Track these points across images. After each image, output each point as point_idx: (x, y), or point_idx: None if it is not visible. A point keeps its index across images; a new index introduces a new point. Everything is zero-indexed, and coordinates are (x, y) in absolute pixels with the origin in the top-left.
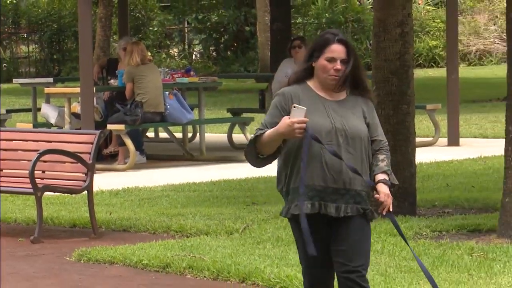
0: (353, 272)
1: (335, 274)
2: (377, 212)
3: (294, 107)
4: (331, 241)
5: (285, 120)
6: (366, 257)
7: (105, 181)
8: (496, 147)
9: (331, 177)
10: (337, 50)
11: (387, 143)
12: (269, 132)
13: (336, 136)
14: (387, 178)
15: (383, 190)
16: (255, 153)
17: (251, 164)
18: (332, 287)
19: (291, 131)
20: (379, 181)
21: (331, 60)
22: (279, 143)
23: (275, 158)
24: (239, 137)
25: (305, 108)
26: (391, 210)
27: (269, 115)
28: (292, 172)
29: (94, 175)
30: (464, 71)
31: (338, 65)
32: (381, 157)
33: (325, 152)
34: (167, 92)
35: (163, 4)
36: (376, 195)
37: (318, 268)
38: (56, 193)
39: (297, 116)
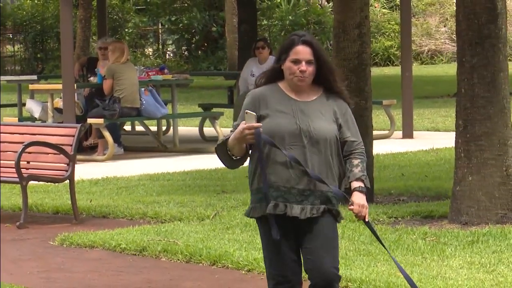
0: (323, 268)
1: (300, 272)
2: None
3: (246, 113)
4: (299, 241)
5: (239, 126)
6: (335, 252)
7: (85, 171)
8: (447, 140)
9: (296, 178)
10: (301, 51)
11: (361, 143)
12: (231, 136)
13: (301, 137)
14: (362, 185)
15: (357, 201)
16: (227, 155)
17: (225, 165)
18: (297, 285)
19: (243, 137)
20: (354, 189)
21: (296, 61)
22: (242, 146)
23: (246, 159)
24: (209, 130)
25: (255, 114)
26: (367, 219)
27: (239, 118)
28: (255, 173)
29: (75, 165)
30: (417, 69)
31: (303, 66)
32: (355, 162)
33: (294, 153)
34: (142, 89)
35: (138, 7)
36: (350, 207)
37: (286, 261)
38: (40, 182)
39: (249, 121)
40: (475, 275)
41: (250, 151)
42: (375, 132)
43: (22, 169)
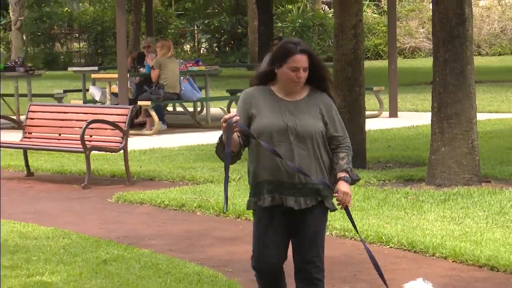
0: (309, 262)
1: (283, 262)
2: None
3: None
4: (291, 231)
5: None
6: (320, 248)
7: (136, 143)
8: (424, 118)
9: (286, 173)
10: (300, 60)
11: (347, 138)
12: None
13: (288, 135)
14: (347, 175)
15: (342, 189)
16: (224, 153)
17: (223, 161)
18: (279, 271)
19: (223, 128)
20: (340, 179)
21: (295, 69)
22: (235, 141)
23: (241, 154)
24: (235, 110)
25: (223, 107)
26: (349, 206)
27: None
28: (250, 171)
29: (128, 138)
30: (401, 62)
31: (301, 74)
32: (341, 155)
33: (279, 151)
34: (182, 77)
35: (178, 12)
36: (335, 194)
37: (273, 247)
38: (100, 152)
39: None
40: (447, 226)
41: (247, 148)
42: (367, 113)
43: (86, 142)
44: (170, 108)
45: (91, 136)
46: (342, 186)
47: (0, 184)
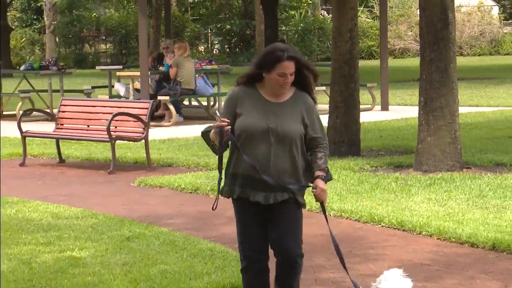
0: (288, 250)
1: (268, 251)
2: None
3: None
4: (266, 224)
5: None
6: (298, 235)
7: (156, 133)
8: (413, 112)
9: (261, 171)
10: (288, 66)
11: (325, 139)
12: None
13: (269, 136)
14: (324, 174)
15: (320, 186)
16: (211, 143)
17: (211, 150)
18: (265, 260)
19: (213, 133)
20: (318, 177)
21: (283, 75)
22: (219, 138)
23: (228, 146)
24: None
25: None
26: (325, 203)
27: (221, 114)
28: (230, 162)
29: (149, 129)
30: (391, 62)
31: (288, 79)
32: (319, 155)
33: (258, 149)
34: (197, 75)
35: (193, 17)
36: (313, 190)
37: (257, 238)
38: (124, 141)
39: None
40: (432, 208)
41: (229, 142)
42: (361, 106)
43: (111, 132)
44: (186, 102)
45: (116, 127)
46: (320, 183)
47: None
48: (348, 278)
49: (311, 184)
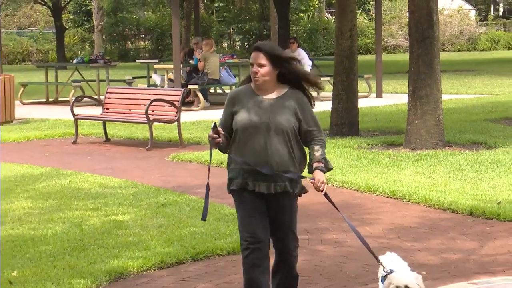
0: (287, 241)
1: (268, 236)
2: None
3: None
4: (268, 212)
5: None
6: (295, 227)
7: (187, 116)
8: (403, 99)
9: (259, 162)
10: (253, 56)
11: (321, 132)
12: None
13: (263, 130)
14: (322, 165)
15: (318, 177)
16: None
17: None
18: (266, 245)
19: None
20: (316, 168)
21: (251, 65)
22: (211, 148)
23: (228, 146)
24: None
25: (214, 122)
26: (323, 192)
27: (222, 113)
28: (230, 156)
29: (181, 113)
30: (385, 57)
31: (254, 68)
32: (316, 147)
33: (255, 143)
34: (221, 67)
35: (218, 19)
36: (312, 181)
37: (258, 223)
38: (160, 123)
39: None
40: (419, 179)
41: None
42: (359, 94)
43: (149, 115)
44: (212, 90)
45: (153, 111)
46: (318, 175)
47: None
48: (349, 240)
49: (309, 176)
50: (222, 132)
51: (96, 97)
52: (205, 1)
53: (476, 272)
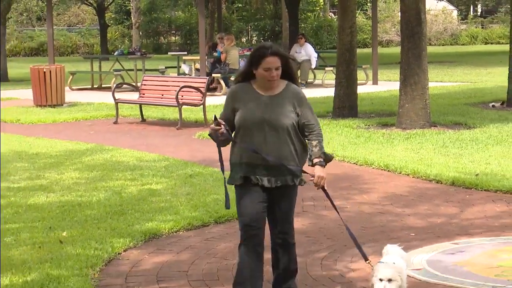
0: (284, 232)
1: (265, 223)
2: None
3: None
4: (268, 204)
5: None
6: (292, 219)
7: (211, 100)
8: (395, 85)
9: (261, 157)
10: (272, 62)
11: (318, 126)
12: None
13: (263, 126)
14: (322, 160)
15: (318, 173)
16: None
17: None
18: (262, 234)
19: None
20: (315, 164)
21: (268, 70)
22: (215, 140)
23: (230, 139)
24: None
25: (214, 114)
26: (325, 188)
27: (223, 109)
28: (232, 153)
29: (206, 97)
30: (380, 50)
31: (273, 73)
32: (314, 143)
33: (255, 139)
34: (240, 59)
35: (238, 17)
36: (311, 178)
37: (253, 215)
38: (188, 106)
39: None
40: (409, 155)
41: (232, 135)
42: (358, 82)
43: (179, 99)
44: (232, 78)
45: (182, 96)
46: (318, 170)
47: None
48: (349, 206)
49: (309, 173)
50: (223, 123)
51: (134, 84)
52: (227, 2)
53: (457, 234)
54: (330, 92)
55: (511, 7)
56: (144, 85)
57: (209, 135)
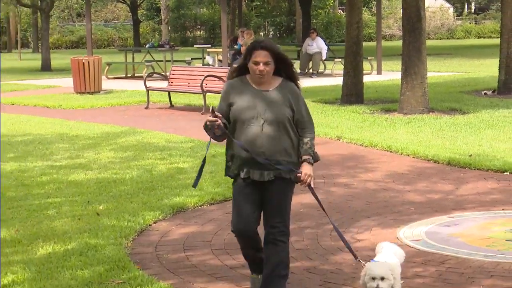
0: (274, 227)
1: (257, 224)
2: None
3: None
4: (262, 199)
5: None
6: (285, 214)
7: None
8: (397, 75)
9: (253, 151)
10: (260, 55)
11: (311, 123)
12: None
13: (258, 120)
14: (310, 157)
15: (305, 171)
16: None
17: (212, 137)
18: (254, 232)
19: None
20: (304, 161)
21: (256, 63)
22: (211, 132)
23: (225, 137)
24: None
25: (212, 106)
26: (312, 185)
27: (219, 103)
28: (228, 145)
29: None
30: (383, 43)
31: (261, 67)
32: (305, 140)
33: (250, 133)
34: None
35: (256, 14)
36: (299, 174)
37: (247, 211)
38: (211, 93)
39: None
40: (410, 137)
41: (227, 131)
42: (364, 72)
43: (203, 87)
44: None
45: (206, 84)
46: (305, 168)
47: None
48: (355, 183)
49: (297, 170)
50: (220, 116)
51: (163, 73)
52: (246, 0)
53: (453, 208)
54: (338, 81)
55: (502, 4)
56: (172, 74)
57: (204, 127)
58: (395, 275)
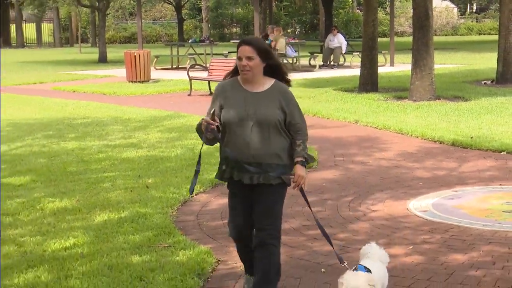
0: (263, 230)
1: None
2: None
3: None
4: (252, 203)
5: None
6: (275, 217)
7: None
8: (408, 67)
9: (243, 155)
10: (242, 50)
11: (303, 125)
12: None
13: (248, 122)
14: (303, 159)
15: (298, 172)
16: (202, 136)
17: (203, 141)
18: (248, 236)
19: (203, 126)
20: (297, 162)
21: (239, 58)
22: (204, 133)
23: (217, 139)
24: (313, 62)
25: (214, 109)
26: (304, 188)
27: (211, 105)
28: (220, 150)
29: None
30: (396, 39)
31: (244, 62)
32: (298, 142)
33: (239, 135)
34: (287, 46)
35: (285, 13)
36: (291, 176)
37: (240, 217)
38: None
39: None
40: (418, 121)
41: (219, 134)
42: (378, 64)
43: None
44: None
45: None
46: (298, 169)
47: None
48: (371, 161)
49: (289, 172)
50: (218, 121)
51: (204, 65)
52: (276, 1)
53: (456, 183)
54: (356, 72)
55: (500, 5)
56: (212, 66)
57: (196, 130)
58: (376, 284)
